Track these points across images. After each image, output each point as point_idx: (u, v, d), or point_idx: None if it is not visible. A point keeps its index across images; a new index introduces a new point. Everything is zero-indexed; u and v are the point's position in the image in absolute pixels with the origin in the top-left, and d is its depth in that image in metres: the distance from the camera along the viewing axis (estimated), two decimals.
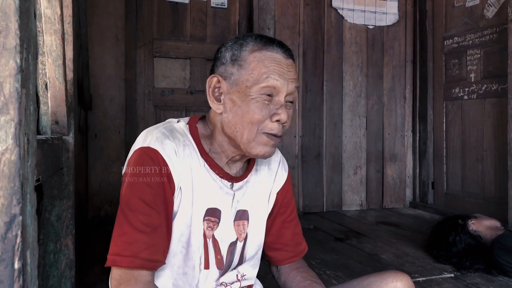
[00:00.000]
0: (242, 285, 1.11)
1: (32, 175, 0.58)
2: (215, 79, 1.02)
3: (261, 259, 1.19)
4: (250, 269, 1.14)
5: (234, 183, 1.07)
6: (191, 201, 1.00)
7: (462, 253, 2.34)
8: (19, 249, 0.52)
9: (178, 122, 1.06)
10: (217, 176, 1.04)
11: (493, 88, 3.38)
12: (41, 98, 1.56)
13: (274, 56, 0.99)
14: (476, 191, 3.57)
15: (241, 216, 1.08)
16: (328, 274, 2.25)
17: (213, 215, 1.03)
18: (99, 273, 2.14)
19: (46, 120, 1.56)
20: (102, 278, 2.06)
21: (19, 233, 0.52)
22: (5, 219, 0.51)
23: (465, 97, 3.65)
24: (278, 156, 1.20)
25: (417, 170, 4.15)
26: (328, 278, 2.18)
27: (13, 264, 0.51)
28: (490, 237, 2.30)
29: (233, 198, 1.06)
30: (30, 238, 0.56)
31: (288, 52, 1.02)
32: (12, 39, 0.52)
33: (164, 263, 0.97)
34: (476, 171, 3.56)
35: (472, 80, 3.58)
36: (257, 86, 0.96)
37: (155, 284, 0.94)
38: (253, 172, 1.12)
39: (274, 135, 0.99)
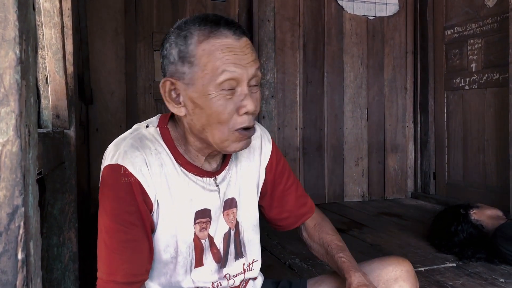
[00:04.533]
0: (246, 277, 1.08)
1: (34, 167, 0.58)
2: (168, 83, 0.92)
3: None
4: (257, 253, 1.11)
5: (216, 177, 1.02)
6: (172, 211, 0.95)
7: (464, 243, 2.35)
8: (22, 240, 0.52)
9: (147, 127, 0.99)
10: (197, 177, 0.99)
11: (494, 78, 3.37)
12: (41, 92, 1.56)
13: (224, 42, 0.88)
14: (477, 181, 3.57)
15: (230, 204, 1.05)
16: None
17: (203, 216, 0.99)
18: None
19: (47, 114, 1.57)
20: None
21: (21, 224, 0.52)
22: (8, 210, 0.52)
23: (466, 87, 3.64)
24: (258, 131, 1.11)
25: (419, 161, 4.14)
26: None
27: (16, 255, 0.51)
28: (492, 227, 2.30)
29: (219, 192, 1.02)
30: (33, 229, 0.56)
31: (238, 30, 0.90)
32: (11, 30, 0.52)
33: (147, 278, 0.95)
34: (478, 161, 3.56)
35: (473, 70, 3.56)
36: (214, 83, 0.87)
37: None
38: (232, 157, 1.06)
39: (247, 128, 0.92)
